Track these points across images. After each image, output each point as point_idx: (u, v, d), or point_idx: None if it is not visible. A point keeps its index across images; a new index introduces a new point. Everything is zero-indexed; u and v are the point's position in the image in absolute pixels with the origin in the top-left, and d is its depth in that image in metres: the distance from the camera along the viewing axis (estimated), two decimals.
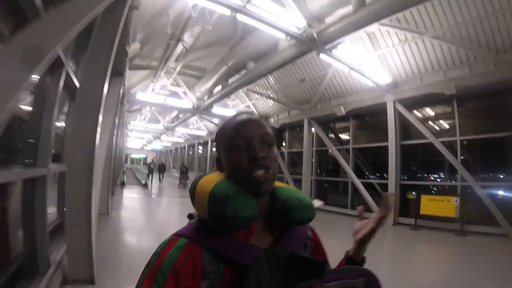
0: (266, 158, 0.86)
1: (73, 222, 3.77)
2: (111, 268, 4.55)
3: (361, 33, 8.25)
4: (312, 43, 6.64)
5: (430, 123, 10.12)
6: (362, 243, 0.97)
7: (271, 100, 14.59)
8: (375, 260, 4.54)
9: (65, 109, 4.53)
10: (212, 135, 23.36)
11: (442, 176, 9.89)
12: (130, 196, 14.70)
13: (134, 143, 37.34)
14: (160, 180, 23.41)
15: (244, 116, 0.94)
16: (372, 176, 11.81)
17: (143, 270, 0.74)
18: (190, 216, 0.93)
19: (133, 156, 42.65)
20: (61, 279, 3.53)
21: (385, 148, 9.99)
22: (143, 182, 20.17)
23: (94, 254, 3.83)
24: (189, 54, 11.25)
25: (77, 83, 3.99)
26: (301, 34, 6.50)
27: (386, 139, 10.06)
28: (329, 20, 7.06)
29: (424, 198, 9.05)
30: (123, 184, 18.35)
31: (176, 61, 11.32)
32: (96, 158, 3.93)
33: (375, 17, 5.78)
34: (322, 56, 7.22)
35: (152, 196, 15.69)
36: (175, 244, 0.78)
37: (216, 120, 17.86)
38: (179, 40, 8.83)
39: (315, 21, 6.68)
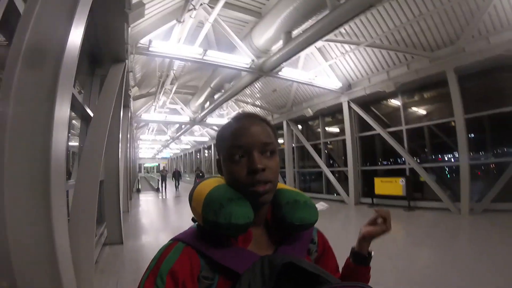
0: (266, 170, 0.83)
1: (110, 210, 6.55)
2: (133, 236, 7.47)
3: (311, 49, 9.98)
4: (260, 71, 8.62)
5: (384, 115, 11.74)
6: (368, 238, 1.03)
7: (256, 107, 16.70)
8: (339, 234, 6.84)
9: None
10: (214, 140, 25.26)
11: (398, 161, 11.34)
12: (145, 199, 17.31)
13: (145, 153, 39.70)
14: (176, 188, 22.21)
15: (243, 121, 0.89)
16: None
17: (143, 274, 0.75)
18: (194, 220, 0.88)
19: (146, 165, 44.54)
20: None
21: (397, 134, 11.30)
22: (156, 187, 22.74)
23: (122, 229, 6.64)
24: (180, 78, 13.47)
25: (90, 113, 5.46)
26: (250, 67, 8.53)
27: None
28: (274, 48, 8.80)
29: (377, 181, 10.78)
30: (138, 191, 20.95)
31: (171, 83, 13.54)
32: (120, 169, 6.20)
33: (302, 47, 7.43)
34: (269, 78, 9.39)
35: (163, 197, 18.11)
36: (172, 248, 0.78)
37: (216, 127, 19.87)
38: (167, 75, 11.20)
39: (261, 53, 8.67)
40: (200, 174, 20.86)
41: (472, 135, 9.19)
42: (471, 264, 4.67)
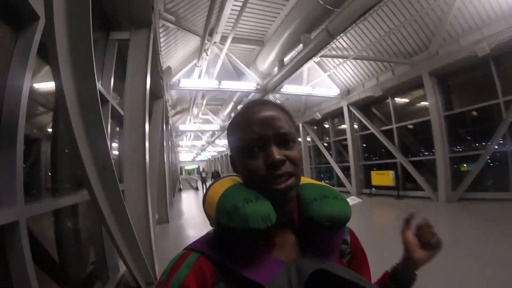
0: (287, 162, 0.73)
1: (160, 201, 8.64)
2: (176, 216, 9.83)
3: (311, 63, 11.15)
4: (265, 90, 10.91)
5: (378, 116, 13.57)
6: (419, 262, 0.85)
7: None
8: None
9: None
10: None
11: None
12: (186, 196, 20.74)
13: (185, 157, 42.92)
14: None
15: (254, 109, 0.78)
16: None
17: None
18: (215, 175, 1.69)
19: (187, 167, 47.24)
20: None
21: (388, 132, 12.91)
22: (195, 186, 25.94)
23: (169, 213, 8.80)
24: (208, 94, 16.10)
25: (121, 112, 4.84)
26: (256, 89, 10.92)
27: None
28: (275, 70, 10.90)
29: (373, 173, 12.77)
30: (180, 190, 24.28)
31: (201, 98, 16.26)
32: (148, 175, 4.50)
33: (292, 71, 9.29)
34: (271, 95, 11.71)
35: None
36: (185, 260, 0.69)
37: None
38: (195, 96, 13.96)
39: (265, 76, 11.05)
40: (215, 174, 21.06)
41: (466, 129, 10.25)
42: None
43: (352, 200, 11.28)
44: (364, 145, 14.16)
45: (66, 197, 3.15)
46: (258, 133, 0.74)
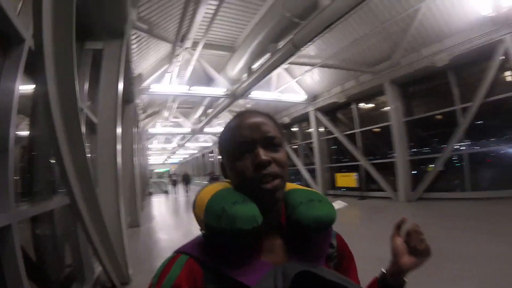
0: (273, 164, 0.77)
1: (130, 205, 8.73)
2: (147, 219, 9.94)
3: (279, 69, 11.81)
4: (233, 96, 11.25)
5: (343, 121, 14.24)
6: (406, 267, 0.86)
7: None
8: None
9: None
10: (216, 145, 28.02)
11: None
12: (157, 200, 20.69)
13: (156, 160, 42.35)
14: (187, 192, 22.79)
15: (243, 117, 0.84)
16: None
17: None
18: (213, 178, 1.67)
19: (157, 170, 46.70)
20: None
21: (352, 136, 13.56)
22: (165, 190, 25.77)
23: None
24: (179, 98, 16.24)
25: (94, 119, 5.00)
26: (225, 94, 11.21)
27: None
28: (244, 76, 11.24)
29: (338, 175, 13.42)
30: (151, 194, 24.09)
31: (172, 101, 16.34)
32: (120, 178, 4.78)
33: (260, 78, 9.71)
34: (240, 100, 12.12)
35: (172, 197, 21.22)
36: (174, 262, 0.72)
37: (213, 136, 22.82)
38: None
39: (235, 82, 11.35)
40: (214, 177, 20.05)
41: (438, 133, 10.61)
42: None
43: (338, 205, 11.45)
44: (336, 147, 14.69)
45: (50, 201, 3.35)
46: (245, 136, 0.78)
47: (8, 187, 2.23)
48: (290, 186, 0.90)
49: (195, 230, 0.76)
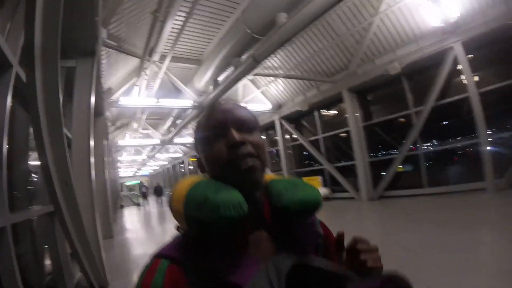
0: (248, 144, 0.74)
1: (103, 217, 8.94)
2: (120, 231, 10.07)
3: (245, 81, 12.88)
4: (201, 106, 11.60)
5: (307, 128, 14.99)
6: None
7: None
8: None
9: None
10: (187, 155, 28.34)
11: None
12: (128, 212, 20.59)
13: (126, 172, 41.39)
14: (160, 204, 21.73)
15: (215, 105, 0.83)
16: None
17: None
18: (179, 228, 0.75)
19: (128, 183, 45.85)
20: None
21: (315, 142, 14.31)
22: (136, 202, 25.52)
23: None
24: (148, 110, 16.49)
25: (69, 135, 5.01)
26: (193, 105, 11.60)
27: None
28: (210, 88, 11.60)
29: (305, 179, 13.87)
30: (122, 207, 23.78)
31: (141, 113, 16.51)
32: (94, 190, 5.18)
33: (225, 90, 9.98)
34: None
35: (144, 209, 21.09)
36: (155, 269, 0.65)
37: (182, 147, 23.00)
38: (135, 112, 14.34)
39: (202, 93, 11.78)
40: (158, 189, 20.94)
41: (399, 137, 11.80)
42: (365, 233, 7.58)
43: (324, 190, 12.58)
44: (306, 152, 15.10)
45: (35, 208, 3.68)
46: (218, 119, 0.76)
47: (2, 194, 2.58)
48: (271, 177, 0.87)
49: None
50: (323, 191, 11.66)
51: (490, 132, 8.58)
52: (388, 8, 9.13)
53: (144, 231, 11.76)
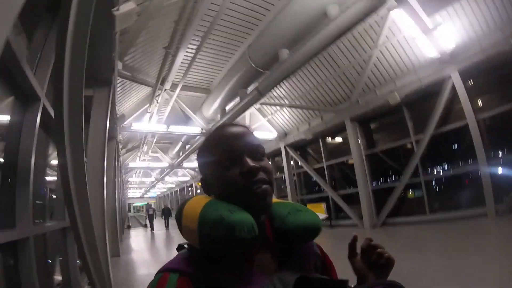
0: (263, 170, 0.78)
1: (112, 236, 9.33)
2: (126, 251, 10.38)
3: (252, 109, 13.00)
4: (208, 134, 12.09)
5: (313, 156, 15.36)
6: (372, 283, 0.83)
7: None
8: None
9: None
10: (195, 179, 28.60)
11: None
12: (135, 233, 20.94)
13: (134, 193, 41.97)
14: (166, 227, 21.15)
15: (229, 128, 0.84)
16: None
17: None
18: (180, 248, 0.78)
19: (136, 204, 46.13)
20: None
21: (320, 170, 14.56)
22: (144, 223, 25.72)
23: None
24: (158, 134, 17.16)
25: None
26: (201, 132, 12.17)
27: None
28: (218, 116, 12.16)
29: (308, 206, 14.07)
30: (129, 227, 24.21)
31: (151, 137, 17.17)
32: (106, 209, 5.75)
33: (233, 118, 10.53)
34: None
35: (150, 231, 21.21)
36: (165, 283, 0.67)
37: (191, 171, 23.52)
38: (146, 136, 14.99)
39: (210, 121, 12.37)
40: (166, 211, 20.75)
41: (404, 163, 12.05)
42: None
43: (321, 215, 12.03)
44: (310, 179, 15.36)
45: (52, 223, 4.15)
46: (232, 146, 0.78)
47: (28, 207, 3.05)
48: (274, 200, 0.88)
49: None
50: (322, 216, 11.76)
51: (490, 158, 8.68)
52: (386, 41, 9.54)
53: (149, 252, 12.12)
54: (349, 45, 10.27)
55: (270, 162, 0.85)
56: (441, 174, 10.46)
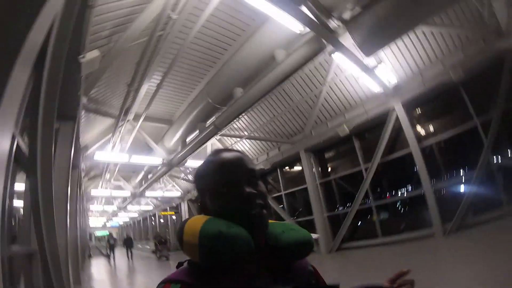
0: (259, 196, 0.86)
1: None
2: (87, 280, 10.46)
3: (213, 140, 13.65)
4: (169, 164, 12.58)
5: (272, 185, 15.92)
6: None
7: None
8: None
9: None
10: (157, 209, 28.39)
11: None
12: (96, 262, 20.99)
13: (96, 222, 40.48)
14: (129, 258, 20.47)
15: (227, 154, 0.93)
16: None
17: None
18: (179, 265, 0.82)
19: (98, 233, 44.66)
20: None
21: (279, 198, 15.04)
22: (105, 253, 24.95)
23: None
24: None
25: None
26: (162, 163, 12.62)
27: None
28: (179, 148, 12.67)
29: None
30: (90, 256, 23.82)
31: (114, 165, 17.29)
32: (68, 238, 6.19)
33: (193, 149, 11.10)
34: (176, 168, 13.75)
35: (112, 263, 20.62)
36: None
37: (154, 199, 23.60)
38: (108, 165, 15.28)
39: (172, 152, 12.75)
40: (163, 241, 19.71)
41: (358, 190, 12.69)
42: None
43: (314, 235, 11.76)
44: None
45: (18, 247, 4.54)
46: (229, 173, 0.87)
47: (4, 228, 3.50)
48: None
49: None
50: (315, 236, 11.62)
51: (435, 181, 9.37)
52: (335, 77, 10.38)
53: (110, 280, 12.21)
54: (301, 81, 11.15)
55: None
56: (389, 199, 11.15)
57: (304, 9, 5.48)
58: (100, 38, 6.89)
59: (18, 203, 4.68)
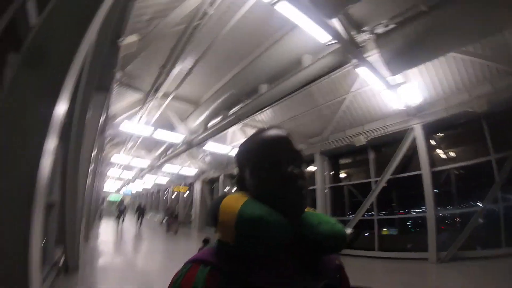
0: (302, 177, 0.85)
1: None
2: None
3: (235, 128, 13.84)
4: (190, 144, 13.18)
5: None
6: None
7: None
8: None
9: None
10: (171, 184, 28.85)
11: None
12: (105, 224, 22.08)
13: (111, 187, 41.05)
14: (139, 224, 20.87)
15: (272, 132, 0.91)
16: None
17: None
18: (206, 241, 1.32)
19: (110, 198, 45.37)
20: None
21: None
22: (115, 216, 25.28)
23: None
24: None
25: None
26: (183, 141, 13.20)
27: None
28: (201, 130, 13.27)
29: None
30: (101, 217, 25.29)
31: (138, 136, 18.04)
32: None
33: (213, 134, 11.78)
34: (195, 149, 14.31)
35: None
36: (195, 275, 0.72)
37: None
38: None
39: (194, 133, 13.35)
40: (174, 215, 19.93)
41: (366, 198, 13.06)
42: None
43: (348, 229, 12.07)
44: None
45: None
46: (274, 150, 0.86)
47: None
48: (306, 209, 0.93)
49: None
50: (348, 230, 11.74)
51: (439, 208, 9.37)
52: (359, 88, 10.48)
53: (116, 240, 13.08)
54: (327, 87, 11.22)
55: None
56: (392, 215, 11.15)
57: (334, 21, 5.68)
58: (141, 21, 7.37)
59: None
